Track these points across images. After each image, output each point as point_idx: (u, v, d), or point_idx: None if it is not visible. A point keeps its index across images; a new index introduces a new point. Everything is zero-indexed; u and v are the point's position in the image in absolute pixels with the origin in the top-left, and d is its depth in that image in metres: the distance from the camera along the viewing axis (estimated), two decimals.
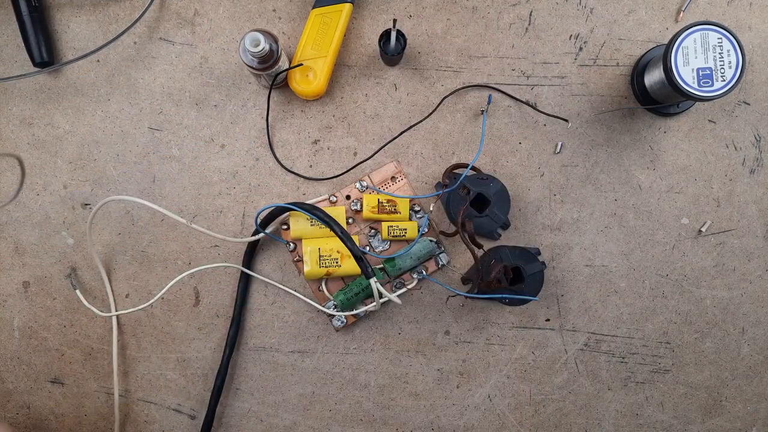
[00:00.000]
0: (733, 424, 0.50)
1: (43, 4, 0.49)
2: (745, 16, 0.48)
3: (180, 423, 0.50)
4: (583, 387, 0.50)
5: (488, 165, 0.49)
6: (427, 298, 0.50)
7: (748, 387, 0.50)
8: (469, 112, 0.49)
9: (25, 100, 0.49)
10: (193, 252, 0.49)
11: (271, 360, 0.49)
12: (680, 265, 0.49)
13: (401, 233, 0.47)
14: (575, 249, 0.49)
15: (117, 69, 0.49)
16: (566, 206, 0.49)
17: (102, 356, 0.49)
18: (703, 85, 0.41)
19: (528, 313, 0.49)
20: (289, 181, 0.49)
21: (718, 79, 0.41)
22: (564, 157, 0.49)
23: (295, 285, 0.49)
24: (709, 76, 0.41)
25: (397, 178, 0.49)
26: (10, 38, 0.49)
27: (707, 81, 0.41)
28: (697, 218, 0.49)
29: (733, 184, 0.49)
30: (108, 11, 0.49)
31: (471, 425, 0.50)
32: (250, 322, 0.49)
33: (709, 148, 0.49)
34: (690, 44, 0.41)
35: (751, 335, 0.49)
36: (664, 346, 0.49)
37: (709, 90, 0.41)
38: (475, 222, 0.47)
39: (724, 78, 0.41)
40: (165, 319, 0.49)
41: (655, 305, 0.49)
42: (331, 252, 0.46)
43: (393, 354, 0.49)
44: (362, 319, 0.49)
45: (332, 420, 0.50)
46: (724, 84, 0.41)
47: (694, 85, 0.41)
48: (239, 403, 0.50)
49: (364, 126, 0.49)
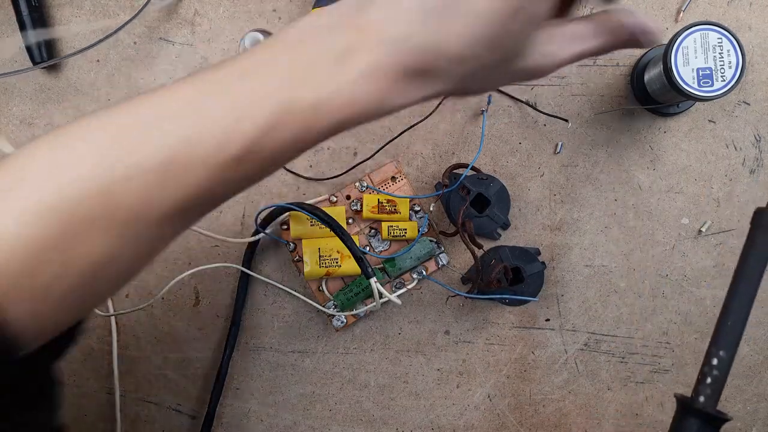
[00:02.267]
0: (733, 424, 0.50)
1: (43, 4, 0.49)
2: (745, 16, 0.48)
3: (180, 423, 0.50)
4: (583, 387, 0.50)
5: (488, 165, 0.49)
6: (427, 298, 0.50)
7: (748, 387, 0.50)
8: (469, 112, 0.49)
9: (25, 100, 0.49)
10: (193, 252, 0.49)
11: (271, 360, 0.50)
12: (680, 265, 0.49)
13: (401, 233, 0.47)
14: (575, 249, 0.49)
15: (117, 69, 0.49)
16: (566, 206, 0.49)
17: (102, 356, 0.49)
18: (703, 85, 0.41)
19: (528, 313, 0.49)
20: (289, 181, 0.49)
21: (718, 79, 0.41)
22: (564, 157, 0.49)
23: (295, 285, 0.49)
24: (709, 76, 0.41)
25: (397, 178, 0.49)
26: (10, 38, 0.49)
27: (707, 81, 0.41)
28: (697, 218, 0.49)
29: (733, 184, 0.49)
30: (108, 11, 0.49)
31: (471, 425, 0.50)
32: (250, 322, 0.49)
33: (709, 148, 0.49)
34: (690, 44, 0.41)
35: (751, 335, 0.49)
36: (664, 346, 0.49)
37: (709, 90, 0.41)
38: (475, 222, 0.47)
39: (724, 78, 0.41)
40: (165, 319, 0.50)
41: (655, 305, 0.49)
42: (331, 252, 0.46)
43: (393, 354, 0.50)
44: (362, 319, 0.49)
45: (332, 420, 0.50)
46: (724, 84, 0.41)
47: (694, 85, 0.41)
48: (239, 403, 0.50)
49: (364, 126, 0.49)
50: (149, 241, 0.26)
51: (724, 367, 0.29)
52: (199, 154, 0.25)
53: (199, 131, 0.25)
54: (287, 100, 0.25)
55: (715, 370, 0.29)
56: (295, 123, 0.26)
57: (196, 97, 0.25)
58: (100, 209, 0.24)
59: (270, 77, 0.26)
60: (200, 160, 0.25)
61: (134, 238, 0.25)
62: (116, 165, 0.24)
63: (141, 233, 0.25)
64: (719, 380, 0.29)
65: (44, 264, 0.24)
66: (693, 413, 0.29)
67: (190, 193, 0.25)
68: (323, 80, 0.26)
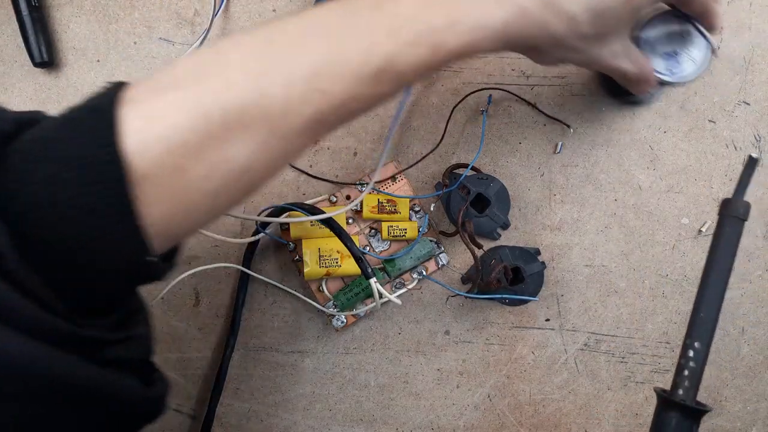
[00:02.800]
0: (733, 424, 0.50)
1: (43, 4, 0.49)
2: (745, 16, 0.48)
3: (180, 423, 0.50)
4: (582, 387, 0.50)
5: (488, 165, 0.49)
6: (427, 298, 0.50)
7: (748, 387, 0.50)
8: (469, 111, 0.49)
9: (25, 100, 0.49)
10: (193, 252, 0.49)
11: (271, 360, 0.50)
12: (680, 265, 0.49)
13: (401, 233, 0.48)
14: (575, 249, 0.49)
15: (117, 69, 0.49)
16: (566, 206, 0.49)
17: None
18: (675, 71, 0.41)
19: (528, 313, 0.49)
20: (289, 181, 0.49)
21: (687, 62, 0.41)
22: (564, 157, 0.49)
23: (295, 285, 0.49)
24: (678, 60, 0.41)
25: (397, 178, 0.49)
26: (10, 38, 0.49)
27: (676, 65, 0.41)
28: (697, 218, 0.49)
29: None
30: (108, 11, 0.49)
31: (471, 425, 0.50)
32: (250, 322, 0.49)
33: (709, 148, 0.49)
34: (653, 34, 0.41)
35: (751, 335, 0.49)
36: (664, 346, 0.49)
37: (681, 74, 0.41)
38: (475, 222, 0.47)
39: (693, 60, 0.41)
40: (165, 319, 0.50)
41: (655, 305, 0.49)
42: (331, 252, 0.46)
43: (393, 354, 0.50)
44: (362, 319, 0.49)
45: (332, 420, 0.50)
46: (694, 69, 0.41)
47: (665, 71, 0.41)
48: (239, 403, 0.50)
49: (364, 126, 0.49)
50: (286, 150, 0.28)
51: (700, 358, 0.30)
52: (342, 70, 0.27)
53: (341, 50, 0.27)
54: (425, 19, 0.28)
55: (692, 362, 0.30)
56: (431, 40, 0.28)
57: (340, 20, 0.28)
58: (250, 117, 0.26)
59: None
60: (341, 74, 0.27)
61: (276, 146, 0.27)
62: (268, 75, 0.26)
63: (282, 142, 0.27)
64: (696, 372, 0.30)
65: (198, 163, 0.25)
66: (673, 406, 0.30)
67: (332, 104, 0.27)
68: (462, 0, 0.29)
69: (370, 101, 0.29)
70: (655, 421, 0.31)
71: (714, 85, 0.49)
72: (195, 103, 0.25)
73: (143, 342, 0.31)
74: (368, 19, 0.28)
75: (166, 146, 0.24)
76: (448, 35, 0.28)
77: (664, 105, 0.49)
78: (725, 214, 0.31)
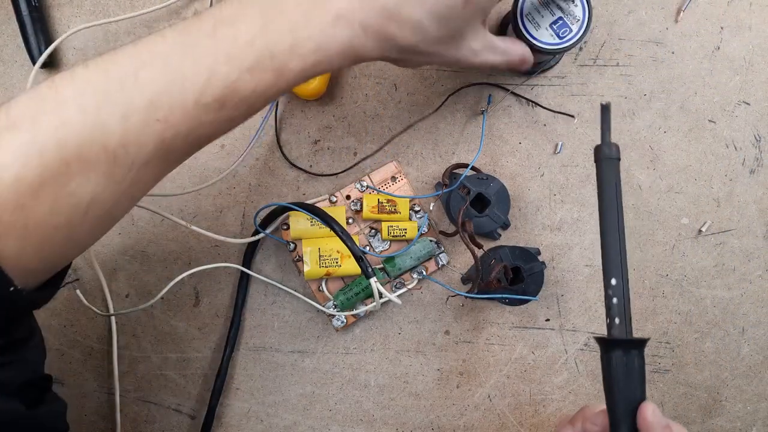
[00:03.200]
0: (733, 424, 0.50)
1: (43, 4, 0.49)
2: (745, 16, 0.48)
3: (180, 423, 0.50)
4: (583, 387, 0.50)
5: (488, 165, 0.49)
6: (427, 298, 0.50)
7: (748, 387, 0.50)
8: (469, 112, 0.49)
9: None
10: (193, 252, 0.49)
11: (271, 360, 0.50)
12: (680, 265, 0.49)
13: (401, 233, 0.48)
14: (575, 249, 0.49)
15: None
16: (566, 206, 0.49)
17: (102, 356, 0.49)
18: (564, 36, 0.41)
19: (528, 313, 0.49)
20: (289, 181, 0.49)
21: (573, 23, 0.41)
22: (564, 157, 0.49)
23: (295, 285, 0.49)
24: (564, 25, 0.41)
25: (397, 178, 0.49)
26: (10, 38, 0.49)
27: (565, 30, 0.41)
28: (697, 218, 0.49)
29: (733, 184, 0.49)
30: (108, 11, 0.49)
31: (471, 425, 0.50)
32: (250, 322, 0.49)
33: (709, 148, 0.49)
34: (529, 10, 0.41)
35: (751, 335, 0.49)
36: (664, 346, 0.49)
37: (572, 37, 0.41)
38: (475, 222, 0.47)
39: (578, 20, 0.41)
40: (165, 319, 0.50)
41: (655, 305, 0.49)
42: (331, 252, 0.46)
43: (393, 354, 0.50)
44: (362, 319, 0.49)
45: (332, 420, 0.50)
46: (580, 27, 0.41)
47: (556, 41, 0.41)
48: (239, 403, 0.50)
49: (364, 126, 0.49)
50: (136, 180, 0.28)
51: (620, 292, 0.31)
52: (180, 99, 0.27)
53: (177, 78, 0.27)
54: (264, 44, 0.28)
55: (614, 298, 0.31)
56: (272, 64, 0.28)
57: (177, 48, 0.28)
58: (89, 151, 0.26)
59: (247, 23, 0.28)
60: (180, 103, 0.27)
61: (123, 177, 0.27)
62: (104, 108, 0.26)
63: (129, 172, 0.27)
64: (622, 306, 0.31)
65: (38, 200, 0.25)
66: (612, 345, 0.31)
67: (176, 132, 0.27)
68: (300, 22, 0.28)
69: (220, 126, 0.29)
70: (603, 366, 0.32)
71: (714, 85, 0.49)
72: (30, 142, 0.25)
73: (30, 366, 0.31)
74: (206, 45, 0.27)
75: (2, 186, 0.25)
76: (290, 58, 0.28)
77: (664, 105, 0.49)
78: (600, 158, 0.32)
